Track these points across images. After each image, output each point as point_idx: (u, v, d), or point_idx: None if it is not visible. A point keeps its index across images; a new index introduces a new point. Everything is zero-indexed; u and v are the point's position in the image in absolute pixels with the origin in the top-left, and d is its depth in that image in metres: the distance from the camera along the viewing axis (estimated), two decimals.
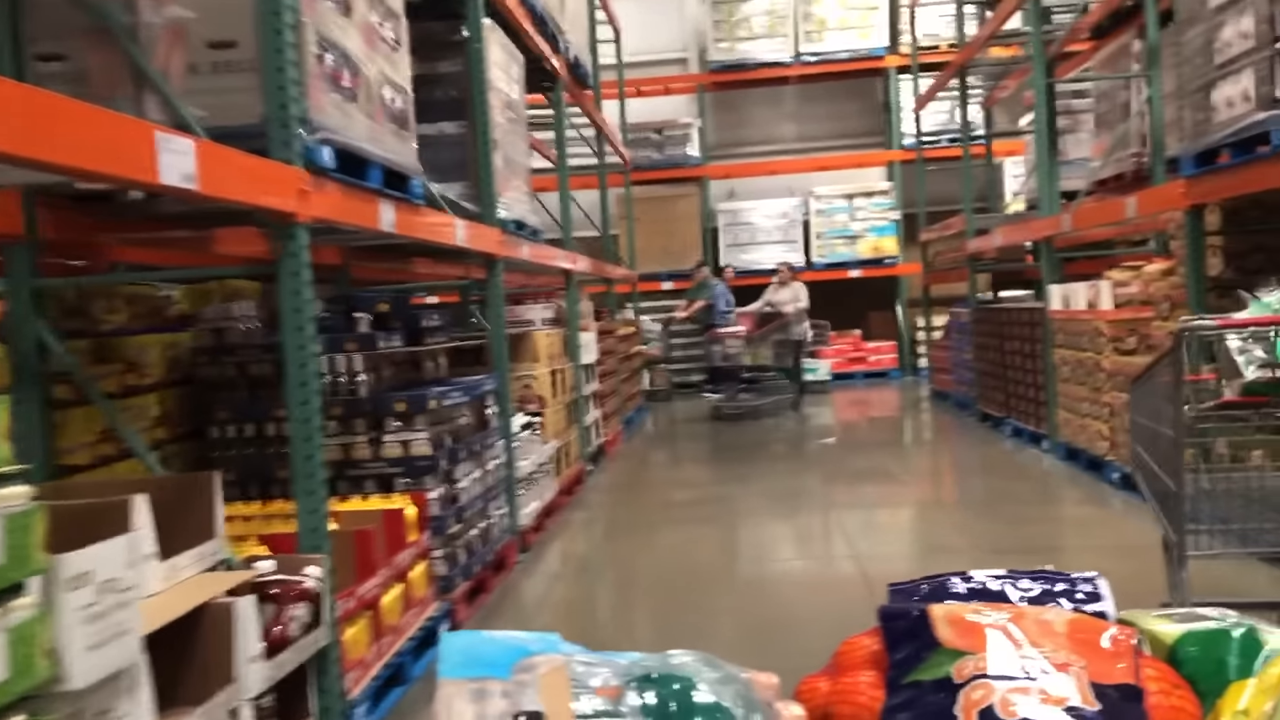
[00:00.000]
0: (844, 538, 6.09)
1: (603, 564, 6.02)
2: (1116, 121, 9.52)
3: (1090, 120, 11.01)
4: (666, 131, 16.40)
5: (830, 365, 15.00)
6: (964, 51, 10.32)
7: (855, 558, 5.54)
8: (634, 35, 17.08)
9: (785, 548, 6.05)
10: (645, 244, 16.11)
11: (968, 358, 10.78)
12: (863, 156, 16.59)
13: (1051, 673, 1.89)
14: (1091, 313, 6.95)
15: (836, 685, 2.12)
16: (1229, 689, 1.92)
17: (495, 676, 1.87)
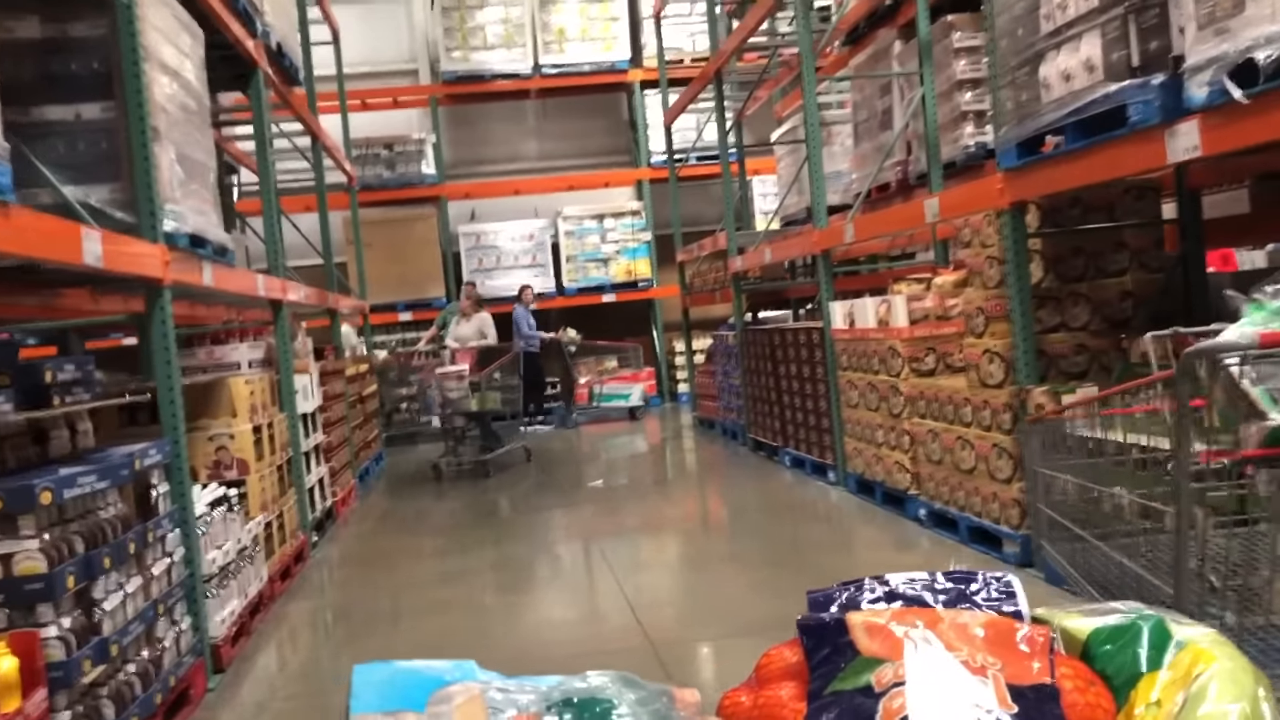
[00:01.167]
0: (625, 607, 4.98)
1: (327, 679, 4.61)
2: (877, 130, 9.04)
3: (844, 133, 10.61)
4: (398, 148, 14.98)
5: (644, 389, 14.00)
6: (715, 61, 9.60)
7: (643, 632, 4.44)
8: (358, 45, 15.62)
9: (559, 632, 4.88)
10: (380, 271, 14.62)
11: (736, 383, 10.03)
12: (611, 175, 15.79)
13: (968, 678, 1.88)
14: (883, 331, 6.22)
15: (758, 698, 2.12)
16: (1141, 681, 1.92)
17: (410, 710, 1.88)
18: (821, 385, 7.46)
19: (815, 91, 7.15)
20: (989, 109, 7.55)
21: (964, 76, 7.47)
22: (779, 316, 12.66)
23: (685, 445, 11.10)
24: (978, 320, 5.11)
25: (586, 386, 14.05)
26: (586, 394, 14.18)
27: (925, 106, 7.31)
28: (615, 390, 13.86)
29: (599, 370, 14.17)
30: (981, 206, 4.86)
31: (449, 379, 9.45)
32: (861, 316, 6.53)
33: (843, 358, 6.93)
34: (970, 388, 5.17)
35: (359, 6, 15.84)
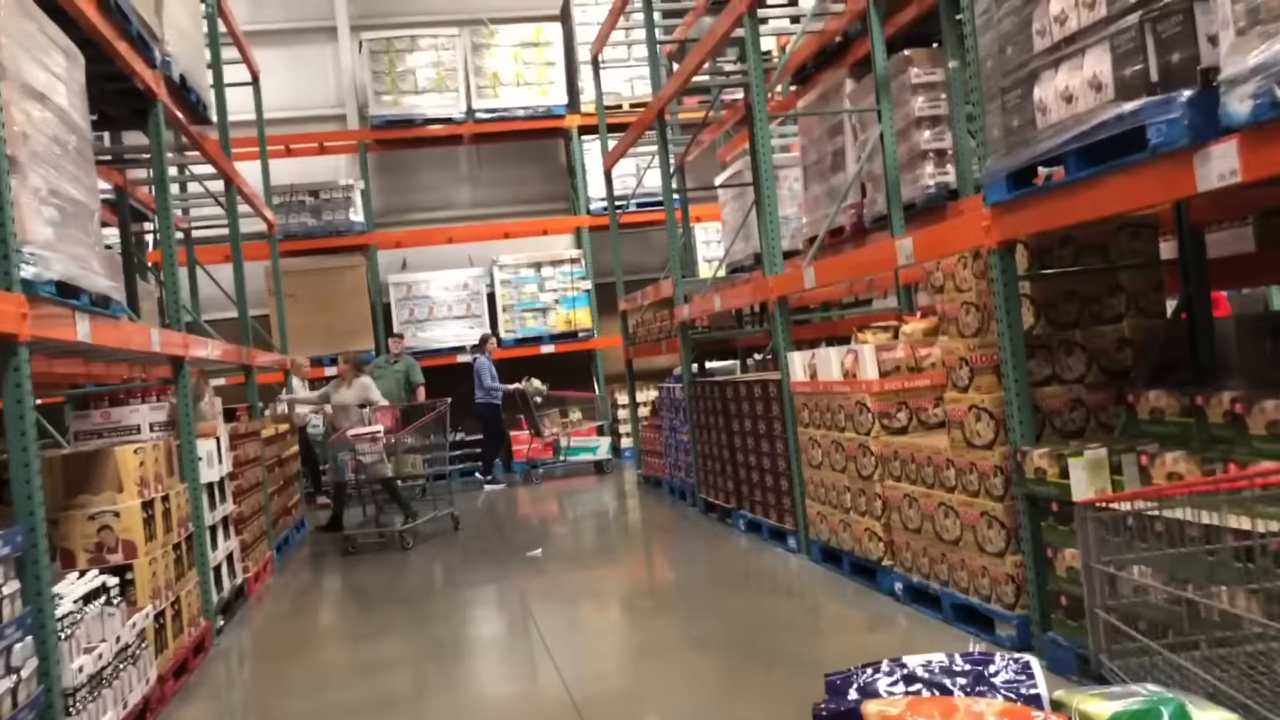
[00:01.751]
0: (566, 703, 4.32)
1: None
2: (828, 173, 8.62)
3: (791, 177, 10.21)
4: (324, 194, 14.31)
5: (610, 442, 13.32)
6: (656, 102, 9.13)
7: None
8: (283, 89, 15.00)
9: None
10: (305, 323, 13.86)
11: (684, 439, 9.45)
12: (549, 222, 15.25)
13: None
14: (850, 384, 5.69)
15: None
16: None
17: None
18: (780, 443, 6.91)
19: (768, 130, 6.68)
20: (949, 147, 7.19)
21: (923, 114, 7.06)
22: (726, 367, 12.16)
23: (631, 506, 10.46)
24: (961, 372, 4.60)
25: (552, 440, 13.35)
26: (551, 448, 13.44)
27: (884, 145, 6.87)
28: (582, 444, 13.24)
29: (564, 423, 13.53)
30: (964, 246, 4.37)
31: (362, 441, 8.71)
32: (825, 368, 6.01)
33: (804, 413, 6.39)
34: (954, 448, 4.64)
35: (284, 50, 15.23)
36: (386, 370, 12.23)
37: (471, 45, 14.46)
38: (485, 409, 12.89)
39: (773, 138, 10.10)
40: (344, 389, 9.63)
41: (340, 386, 9.71)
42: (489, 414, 12.93)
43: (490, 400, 12.84)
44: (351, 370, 9.64)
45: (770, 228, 6.70)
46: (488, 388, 12.79)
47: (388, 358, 12.48)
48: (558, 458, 13.08)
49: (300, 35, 15.38)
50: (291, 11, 15.33)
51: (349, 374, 9.65)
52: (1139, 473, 3.65)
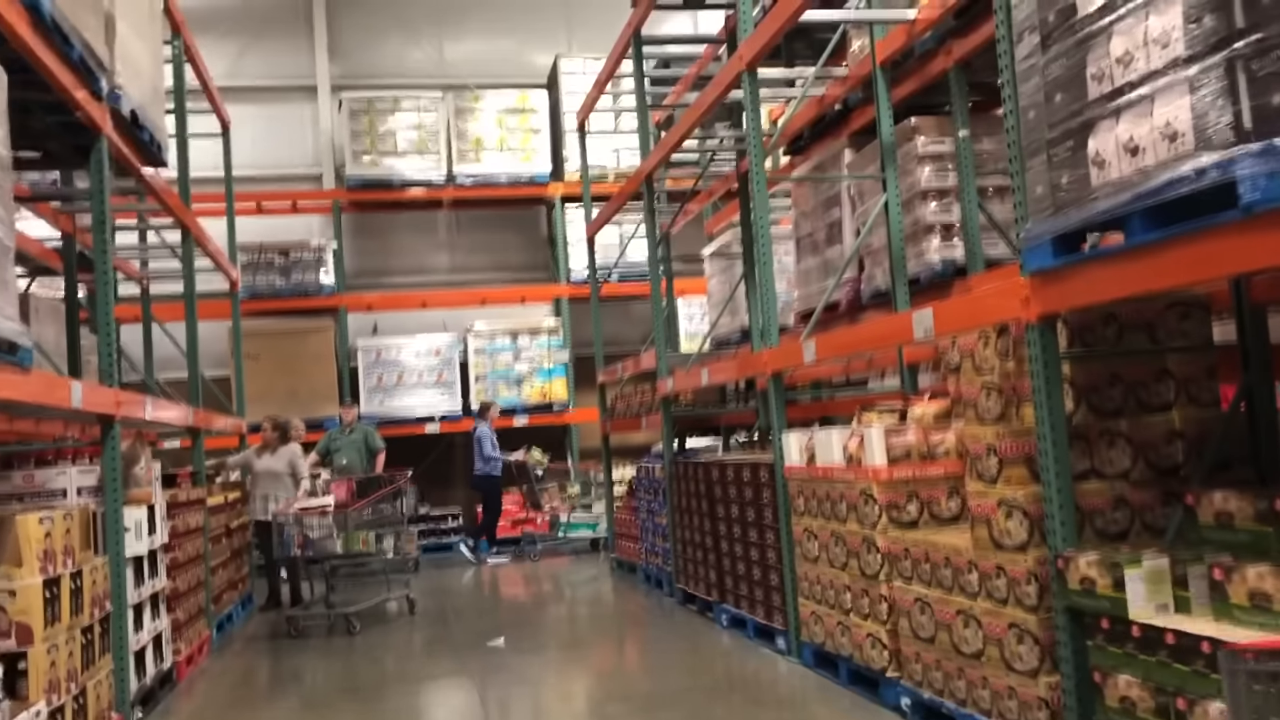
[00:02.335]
0: None
1: None
2: (823, 245, 8.18)
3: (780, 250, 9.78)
4: (294, 254, 13.79)
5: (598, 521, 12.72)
6: (644, 166, 8.70)
7: None
8: (260, 147, 14.60)
9: None
10: (267, 386, 13.24)
11: (662, 523, 8.85)
12: (528, 290, 14.76)
13: None
14: (855, 470, 5.14)
15: None
16: None
17: None
18: (770, 533, 6.33)
19: (766, 193, 6.22)
20: (957, 221, 6.76)
21: (929, 185, 6.64)
22: (708, 446, 11.58)
23: (603, 594, 9.79)
24: (987, 463, 4.06)
25: (550, 514, 12.69)
26: (549, 523, 12.77)
27: (889, 215, 6.43)
28: (582, 520, 12.61)
29: (564, 497, 12.89)
30: (997, 318, 3.87)
31: (310, 514, 8.06)
32: (825, 451, 5.46)
33: (799, 500, 5.82)
34: (978, 548, 4.09)
35: (262, 107, 14.83)
36: (344, 440, 11.54)
37: (455, 109, 14.11)
38: (484, 480, 12.29)
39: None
40: (267, 455, 9.03)
41: (264, 453, 9.10)
42: (488, 486, 12.32)
43: (489, 472, 12.23)
44: (276, 436, 9.02)
45: (766, 298, 6.21)
46: (488, 457, 12.19)
47: (340, 428, 11.76)
48: (556, 534, 12.44)
49: (279, 93, 15.00)
50: (271, 69, 14.97)
51: (273, 440, 9.05)
52: (1209, 588, 3.11)
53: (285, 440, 9.41)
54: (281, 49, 14.97)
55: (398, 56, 15.34)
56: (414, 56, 15.41)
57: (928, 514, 4.96)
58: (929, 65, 6.57)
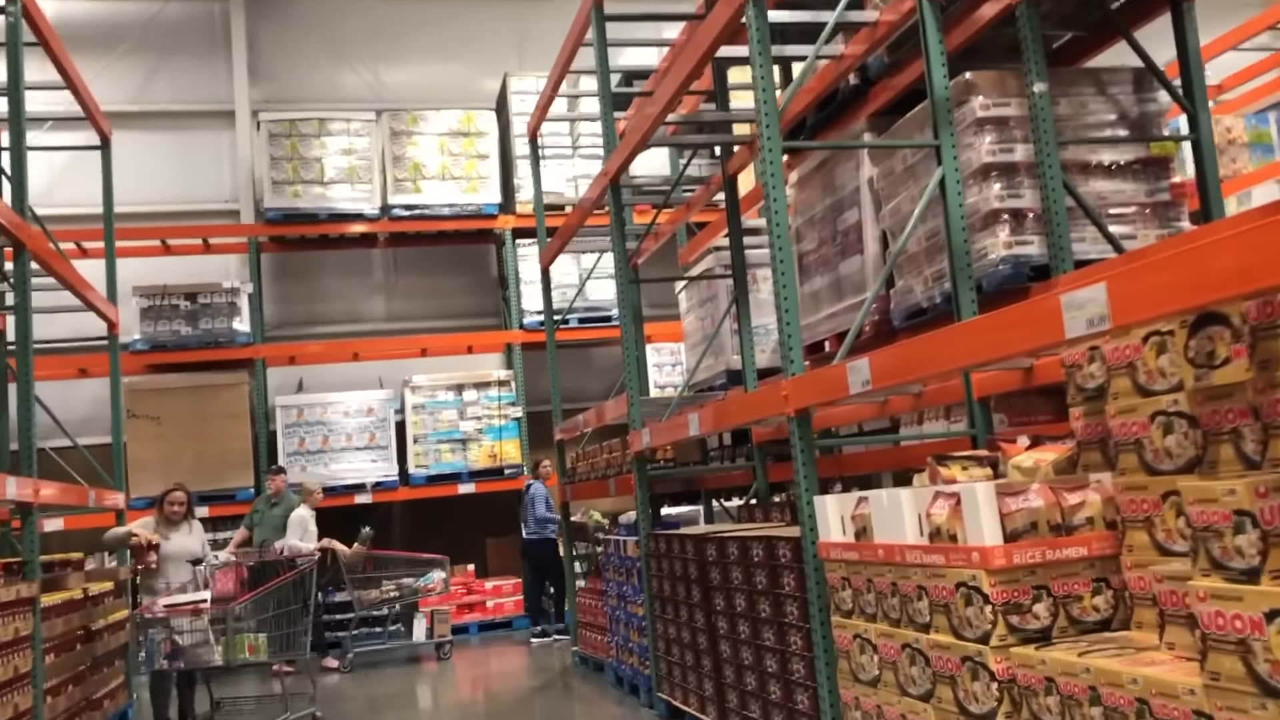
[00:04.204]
0: None
1: None
2: (834, 260, 6.52)
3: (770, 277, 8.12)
4: (203, 298, 11.93)
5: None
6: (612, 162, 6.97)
7: None
8: (169, 180, 12.87)
9: None
10: (170, 451, 11.37)
11: (637, 613, 7.00)
12: (475, 338, 12.97)
13: None
14: (946, 551, 3.37)
15: None
16: None
17: None
18: (795, 636, 4.53)
19: (781, 170, 4.51)
20: (1031, 207, 5.11)
21: (992, 159, 5.00)
22: (686, 514, 9.78)
23: (562, 705, 7.88)
24: (1235, 542, 2.31)
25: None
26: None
27: (947, 197, 4.75)
28: None
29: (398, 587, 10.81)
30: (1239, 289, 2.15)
31: (180, 613, 6.12)
32: (889, 523, 3.69)
33: (844, 594, 4.03)
34: (1221, 691, 2.33)
35: (172, 135, 13.12)
36: (266, 514, 9.70)
37: (390, 132, 12.42)
38: (537, 545, 10.49)
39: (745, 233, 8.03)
40: (174, 534, 6.99)
41: (172, 529, 7.03)
42: (541, 551, 10.50)
43: (544, 535, 10.42)
44: (182, 511, 7.06)
45: (787, 313, 4.46)
46: (541, 518, 10.39)
47: (267, 498, 9.95)
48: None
49: (193, 119, 13.25)
50: (184, 91, 13.23)
51: (178, 515, 7.05)
52: None
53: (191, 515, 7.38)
54: (195, 70, 13.25)
55: (329, 82, 13.67)
56: (348, 82, 13.75)
57: (1065, 618, 3.19)
58: (979, 8, 4.97)
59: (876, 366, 3.74)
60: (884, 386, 3.75)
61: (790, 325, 4.48)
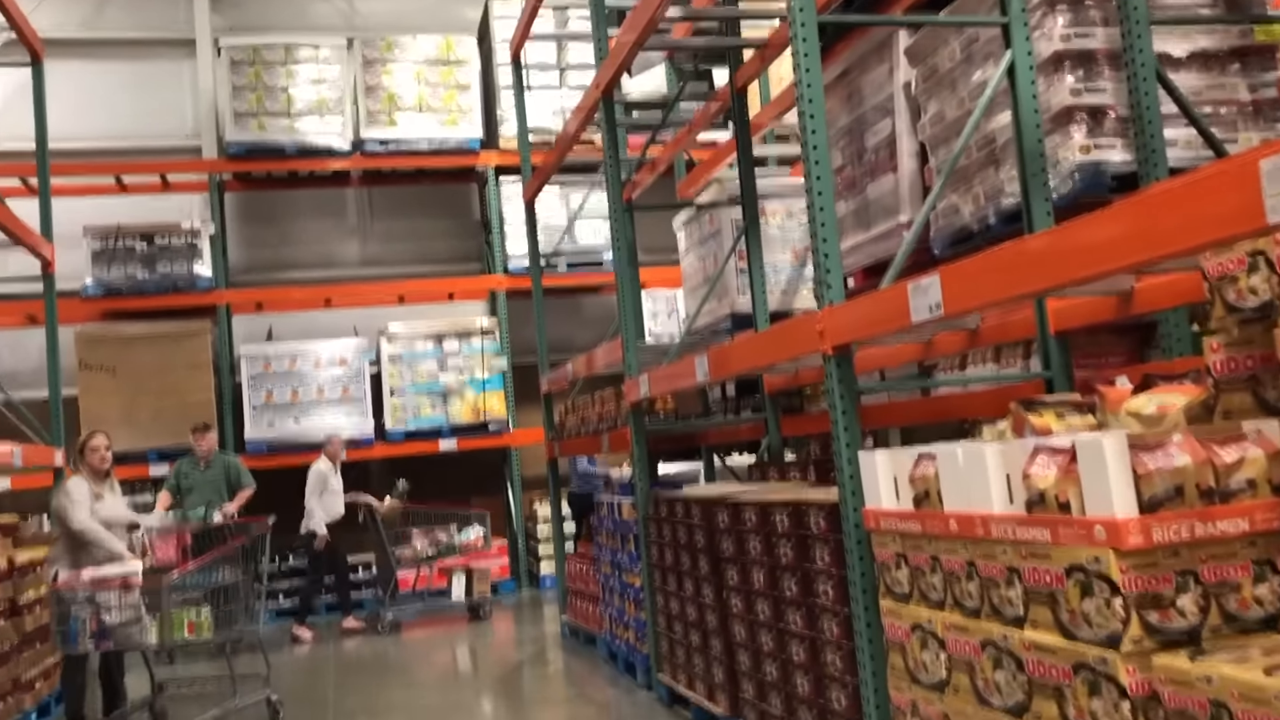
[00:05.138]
0: None
1: None
2: (862, 180, 5.66)
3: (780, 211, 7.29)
4: (161, 240, 11.01)
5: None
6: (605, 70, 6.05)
7: None
8: (125, 113, 11.90)
9: None
10: (126, 405, 10.53)
11: (634, 584, 6.21)
12: (457, 283, 12.09)
13: None
14: (1054, 524, 2.54)
15: None
16: None
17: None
18: (829, 621, 3.73)
19: (816, 42, 3.64)
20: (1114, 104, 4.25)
21: (1066, 46, 4.13)
22: (685, 472, 8.96)
23: (549, 683, 7.11)
24: None
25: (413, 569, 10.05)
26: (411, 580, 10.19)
27: (1017, 87, 3.89)
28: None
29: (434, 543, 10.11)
30: None
31: (107, 587, 5.27)
32: (966, 484, 2.86)
33: (897, 573, 3.22)
34: None
35: (128, 65, 12.12)
36: (198, 477, 8.70)
37: (363, 60, 11.43)
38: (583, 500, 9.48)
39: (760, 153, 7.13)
40: (107, 496, 6.06)
41: (101, 487, 6.06)
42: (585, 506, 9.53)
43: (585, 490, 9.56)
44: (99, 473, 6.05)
45: (824, 227, 3.60)
46: (583, 473, 9.67)
47: (193, 460, 8.84)
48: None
49: (149, 49, 12.23)
50: (140, 18, 12.20)
51: (96, 474, 6.06)
52: None
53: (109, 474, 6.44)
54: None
55: (298, 9, 12.64)
56: (318, 9, 12.72)
57: (1217, 613, 2.38)
58: None
59: (950, 285, 2.89)
60: (959, 311, 2.90)
61: (828, 243, 3.62)
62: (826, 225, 3.62)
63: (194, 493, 8.57)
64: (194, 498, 8.51)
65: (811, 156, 3.65)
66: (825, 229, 3.61)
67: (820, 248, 3.62)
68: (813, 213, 3.66)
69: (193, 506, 8.48)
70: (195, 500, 8.46)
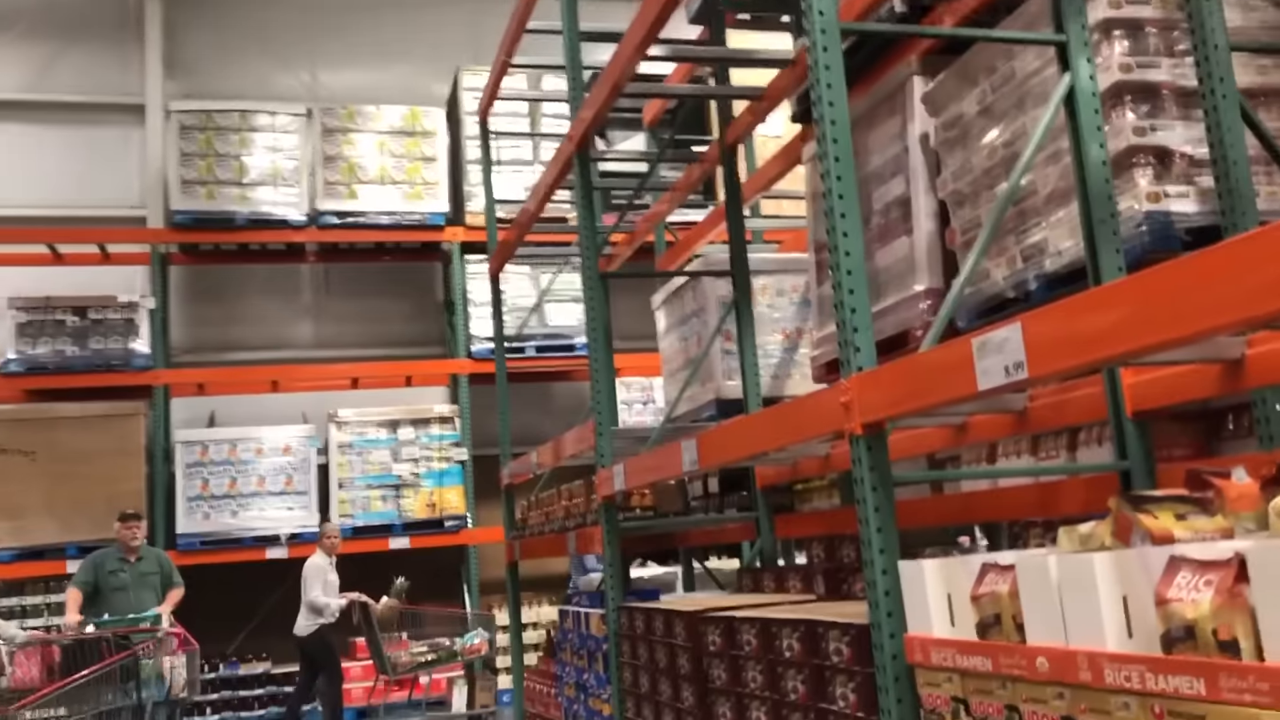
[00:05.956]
0: None
1: None
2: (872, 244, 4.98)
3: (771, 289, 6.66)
4: (96, 313, 10.17)
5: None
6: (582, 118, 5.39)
7: None
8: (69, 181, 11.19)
9: None
10: (46, 494, 9.61)
11: (602, 712, 5.30)
12: (415, 367, 11.31)
13: None
14: (1212, 669, 1.75)
15: None
16: None
17: None
18: None
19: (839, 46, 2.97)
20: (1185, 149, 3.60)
21: (1128, 78, 3.49)
22: (659, 578, 8.11)
23: None
24: None
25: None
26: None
27: (1078, 121, 3.22)
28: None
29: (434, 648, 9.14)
30: None
31: None
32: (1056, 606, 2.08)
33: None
34: None
35: (73, 130, 11.47)
36: (128, 574, 7.62)
37: (323, 129, 10.82)
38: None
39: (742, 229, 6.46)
40: None
41: None
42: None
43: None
44: None
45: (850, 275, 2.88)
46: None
47: (117, 554, 7.65)
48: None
49: (97, 113, 11.59)
50: (90, 81, 11.58)
51: None
52: None
53: None
54: (103, 58, 11.62)
55: (258, 80, 12.06)
56: (280, 81, 12.15)
57: None
58: None
59: (1038, 335, 2.15)
60: (1050, 373, 2.16)
61: (855, 294, 2.90)
62: (854, 274, 2.90)
63: (126, 591, 7.44)
64: (124, 598, 7.39)
65: (835, 189, 2.95)
66: (852, 277, 2.89)
67: (846, 301, 2.88)
68: (836, 258, 2.94)
69: (120, 608, 7.31)
70: (126, 600, 7.35)
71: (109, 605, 7.31)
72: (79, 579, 7.50)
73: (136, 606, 7.25)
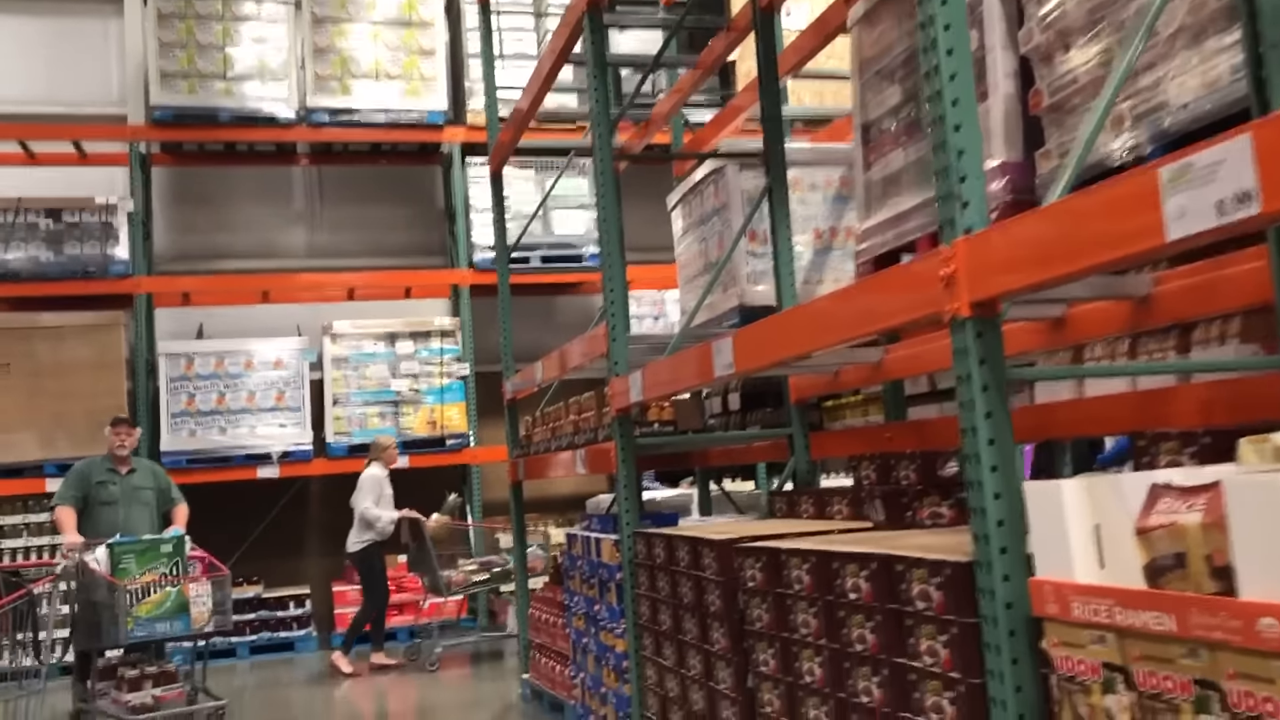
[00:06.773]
0: None
1: None
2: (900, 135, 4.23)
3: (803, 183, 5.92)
4: (71, 217, 9.47)
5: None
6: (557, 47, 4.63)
7: None
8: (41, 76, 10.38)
9: None
10: (22, 408, 9.06)
11: (615, 647, 4.73)
12: (414, 277, 10.62)
13: None
14: None
15: None
16: None
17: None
18: None
19: None
20: None
21: None
22: (675, 498, 7.49)
23: None
24: None
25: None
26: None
27: None
28: None
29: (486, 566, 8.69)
30: None
31: None
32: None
33: (1101, 700, 1.78)
34: None
35: (45, 21, 10.60)
36: (121, 486, 6.88)
37: (313, 18, 9.98)
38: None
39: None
40: None
41: None
42: None
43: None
44: None
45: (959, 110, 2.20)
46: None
47: (107, 463, 6.86)
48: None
49: (72, 4, 10.73)
50: None
51: None
52: None
53: None
54: None
55: None
56: None
57: None
58: None
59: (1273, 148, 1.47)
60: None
61: (963, 131, 2.20)
62: (960, 103, 2.20)
63: (115, 505, 6.75)
64: (111, 511, 6.69)
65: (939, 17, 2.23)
66: (958, 109, 2.19)
67: (951, 141, 2.20)
68: (938, 83, 2.24)
69: (106, 525, 6.58)
70: (111, 517, 6.66)
71: (94, 522, 6.60)
72: (67, 494, 6.65)
73: (126, 525, 6.52)
